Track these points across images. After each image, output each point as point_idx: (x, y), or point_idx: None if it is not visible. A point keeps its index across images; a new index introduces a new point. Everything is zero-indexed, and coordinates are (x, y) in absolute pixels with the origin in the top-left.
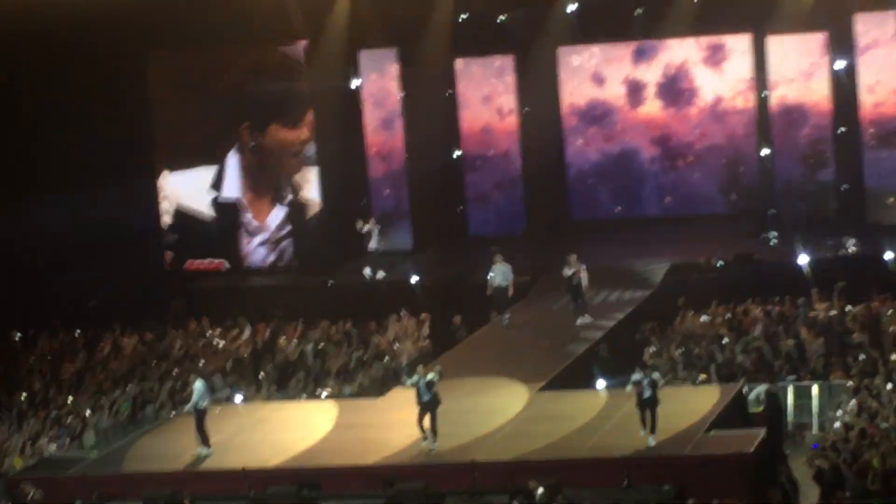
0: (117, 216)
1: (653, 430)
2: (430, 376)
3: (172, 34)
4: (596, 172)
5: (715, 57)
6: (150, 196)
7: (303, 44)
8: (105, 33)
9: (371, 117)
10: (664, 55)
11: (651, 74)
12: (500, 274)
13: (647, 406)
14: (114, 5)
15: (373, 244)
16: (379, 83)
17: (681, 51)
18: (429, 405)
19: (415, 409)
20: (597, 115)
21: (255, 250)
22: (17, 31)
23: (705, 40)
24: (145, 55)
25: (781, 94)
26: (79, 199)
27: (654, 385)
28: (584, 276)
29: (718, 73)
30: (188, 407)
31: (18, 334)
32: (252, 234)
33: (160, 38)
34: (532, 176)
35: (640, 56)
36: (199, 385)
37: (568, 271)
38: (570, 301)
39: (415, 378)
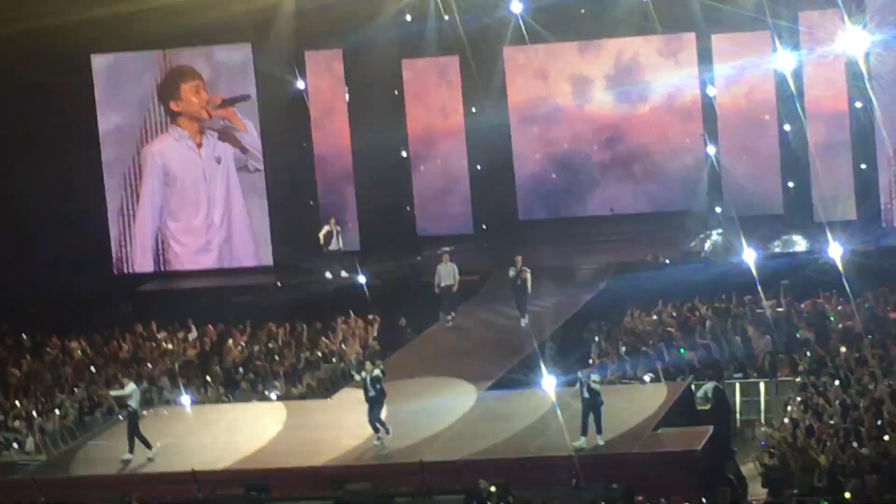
0: (64, 219)
1: (598, 430)
2: (375, 372)
3: (115, 37)
4: (542, 172)
5: (663, 52)
6: (97, 199)
7: (248, 46)
8: (48, 38)
9: (317, 119)
10: (612, 48)
11: (598, 69)
12: (445, 273)
13: (589, 407)
14: (56, 8)
15: (334, 245)
16: (324, 84)
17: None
18: (375, 400)
19: (363, 410)
20: (542, 113)
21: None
22: None
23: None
24: (87, 59)
25: (727, 92)
26: (25, 201)
27: (589, 387)
28: (528, 278)
29: (667, 70)
30: (124, 412)
31: None
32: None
33: (101, 42)
34: (478, 176)
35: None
36: (133, 388)
37: (512, 272)
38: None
39: (362, 374)
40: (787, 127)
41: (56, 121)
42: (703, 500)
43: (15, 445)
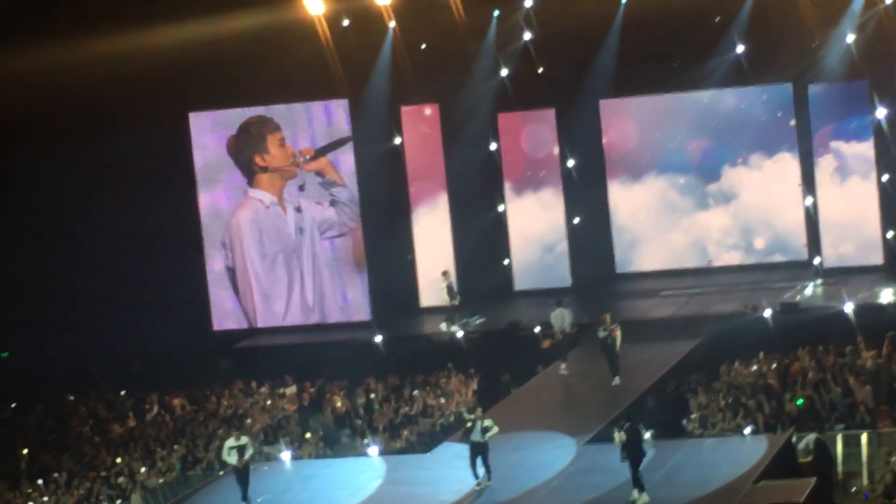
0: (164, 278)
1: (641, 487)
2: (486, 422)
3: (212, 95)
4: (639, 224)
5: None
6: (195, 258)
7: (345, 101)
8: (146, 95)
9: (413, 172)
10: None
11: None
12: (561, 318)
13: (635, 460)
14: (154, 67)
15: (448, 298)
16: (420, 138)
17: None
18: (480, 448)
19: (463, 465)
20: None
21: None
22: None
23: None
24: (185, 116)
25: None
26: (128, 262)
27: (633, 439)
28: (618, 336)
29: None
30: (237, 461)
31: (71, 397)
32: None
33: (199, 99)
34: (575, 229)
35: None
36: (247, 440)
37: (602, 332)
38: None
39: (471, 416)
40: (885, 177)
41: (155, 176)
42: None
43: (119, 502)
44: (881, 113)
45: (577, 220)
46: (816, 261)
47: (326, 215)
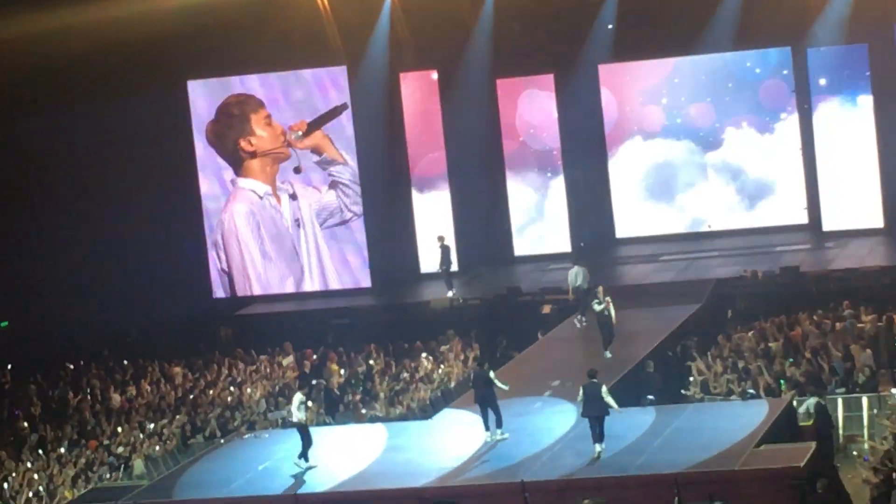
0: (163, 245)
1: (601, 438)
2: (492, 374)
3: (210, 63)
4: (638, 189)
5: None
6: (194, 224)
7: (343, 68)
8: (143, 62)
9: (413, 139)
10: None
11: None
12: (575, 276)
13: (597, 417)
14: (150, 36)
15: (445, 264)
16: (420, 104)
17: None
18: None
19: (463, 430)
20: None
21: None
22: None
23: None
24: (183, 85)
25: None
26: (127, 229)
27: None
28: (611, 309)
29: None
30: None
31: (71, 366)
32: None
33: (197, 67)
34: (576, 193)
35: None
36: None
37: (598, 306)
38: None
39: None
40: (884, 140)
41: (154, 145)
42: None
43: (121, 469)
44: (881, 76)
45: (576, 181)
46: (816, 224)
47: (326, 201)
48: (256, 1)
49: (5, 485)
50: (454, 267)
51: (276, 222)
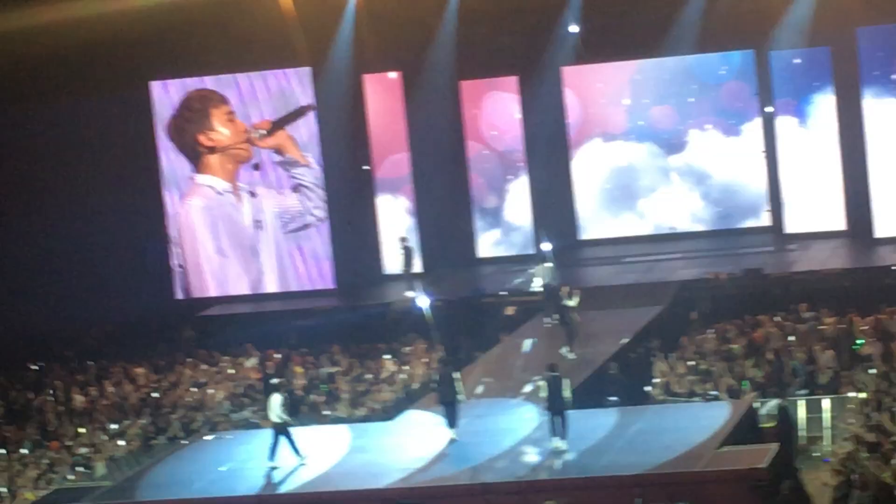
0: (128, 246)
1: (563, 436)
2: (455, 375)
3: (173, 63)
4: (602, 190)
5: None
6: (157, 224)
7: (307, 70)
8: (106, 62)
9: (377, 140)
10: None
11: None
12: (546, 273)
13: (554, 411)
14: (113, 36)
15: (405, 264)
16: (384, 106)
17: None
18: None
19: (426, 431)
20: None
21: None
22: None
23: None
24: (145, 86)
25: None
26: (89, 229)
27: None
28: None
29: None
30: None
31: (34, 366)
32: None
33: (160, 68)
34: (539, 194)
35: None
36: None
37: (570, 301)
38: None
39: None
40: (847, 143)
41: (116, 144)
42: None
43: (83, 470)
44: (843, 79)
45: (539, 188)
46: (778, 226)
47: (288, 204)
48: (220, 2)
49: None
50: (417, 268)
51: (234, 220)
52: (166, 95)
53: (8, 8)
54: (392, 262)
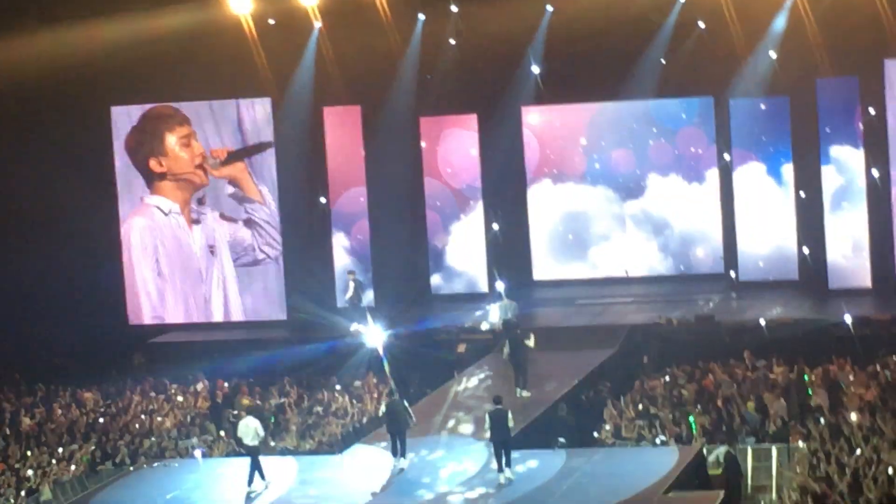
0: (80, 269)
1: (508, 464)
2: (405, 403)
3: (136, 90)
4: (557, 232)
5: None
6: (112, 250)
7: (268, 100)
8: (68, 89)
9: (335, 173)
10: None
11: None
12: (508, 309)
13: (500, 443)
14: (76, 61)
15: (357, 299)
16: (343, 140)
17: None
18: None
19: (374, 467)
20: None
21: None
22: None
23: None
24: (107, 111)
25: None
26: (42, 254)
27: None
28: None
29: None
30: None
31: None
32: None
33: (122, 93)
34: (494, 235)
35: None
36: (251, 422)
37: (530, 342)
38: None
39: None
40: (802, 194)
41: (74, 169)
42: None
43: (24, 494)
44: (800, 130)
45: (495, 227)
46: (732, 274)
47: (239, 236)
48: (184, 29)
49: None
50: (366, 302)
51: (180, 243)
52: (127, 117)
53: None
54: (344, 295)
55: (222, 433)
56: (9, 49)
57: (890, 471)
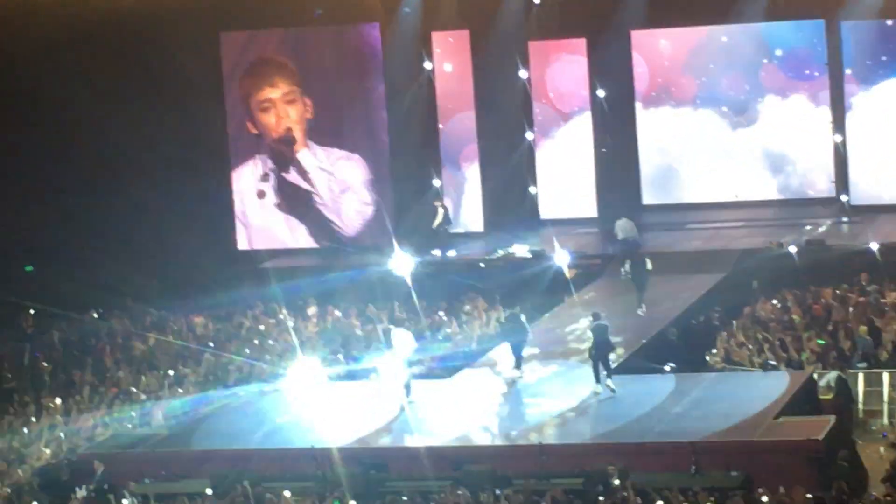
0: (190, 196)
1: (609, 375)
2: (523, 317)
3: (244, 16)
4: (667, 157)
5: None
6: (223, 174)
7: (377, 26)
8: (175, 17)
9: (444, 99)
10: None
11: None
12: (625, 228)
13: (597, 357)
14: None
15: (445, 223)
16: (451, 65)
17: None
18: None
19: (482, 391)
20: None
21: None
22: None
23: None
24: (217, 38)
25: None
26: (154, 183)
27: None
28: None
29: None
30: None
31: (94, 314)
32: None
33: (232, 20)
34: (603, 159)
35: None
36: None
37: (648, 265)
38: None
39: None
40: None
41: (184, 96)
42: (822, 491)
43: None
44: None
45: (604, 150)
46: (843, 198)
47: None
48: None
49: (25, 429)
50: (454, 228)
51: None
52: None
53: None
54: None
55: (339, 355)
56: None
57: None
